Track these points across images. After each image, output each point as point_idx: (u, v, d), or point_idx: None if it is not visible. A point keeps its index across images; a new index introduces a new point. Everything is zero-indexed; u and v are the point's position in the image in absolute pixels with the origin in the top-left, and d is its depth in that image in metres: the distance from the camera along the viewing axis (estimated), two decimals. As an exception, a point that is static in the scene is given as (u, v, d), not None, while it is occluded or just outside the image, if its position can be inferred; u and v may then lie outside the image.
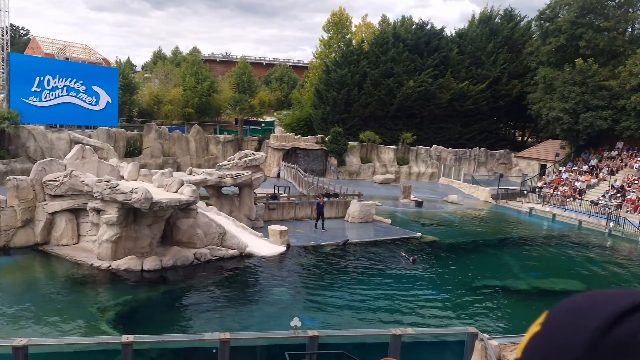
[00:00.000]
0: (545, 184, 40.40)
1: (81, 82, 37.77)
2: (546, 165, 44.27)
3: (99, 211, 18.34)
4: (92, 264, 17.88)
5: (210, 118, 57.02)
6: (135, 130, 42.27)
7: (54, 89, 36.45)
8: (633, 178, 35.50)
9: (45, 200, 20.03)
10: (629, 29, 43.60)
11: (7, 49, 38.57)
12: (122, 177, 21.54)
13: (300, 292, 17.15)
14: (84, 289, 16.37)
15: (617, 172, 37.44)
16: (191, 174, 23.93)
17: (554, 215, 33.04)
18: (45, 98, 36.05)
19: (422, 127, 49.47)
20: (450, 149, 47.96)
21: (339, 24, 57.92)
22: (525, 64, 48.76)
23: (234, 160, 24.88)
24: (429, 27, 52.26)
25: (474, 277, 19.54)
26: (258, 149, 42.96)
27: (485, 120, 51.27)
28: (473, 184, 41.91)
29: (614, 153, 40.12)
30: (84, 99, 38.17)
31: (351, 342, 10.30)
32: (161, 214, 18.88)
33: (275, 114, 60.26)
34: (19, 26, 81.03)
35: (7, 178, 20.47)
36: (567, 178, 39.48)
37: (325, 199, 26.75)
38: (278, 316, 14.48)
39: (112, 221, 17.69)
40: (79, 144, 25.35)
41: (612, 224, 30.27)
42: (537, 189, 39.63)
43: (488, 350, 8.30)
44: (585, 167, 40.00)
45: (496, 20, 53.75)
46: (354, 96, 47.86)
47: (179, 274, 18.01)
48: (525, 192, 39.44)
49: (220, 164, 25.38)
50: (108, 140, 36.85)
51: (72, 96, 37.51)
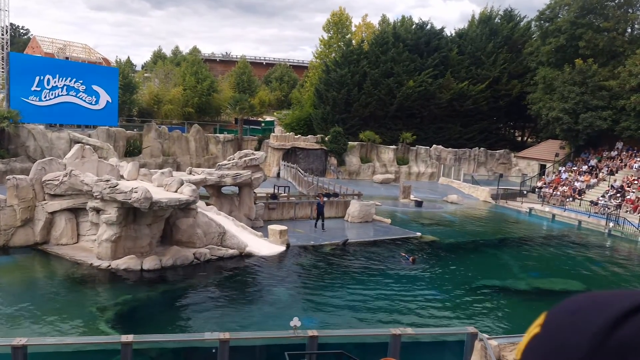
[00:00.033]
0: (545, 184, 40.41)
1: (81, 81, 37.76)
2: (546, 166, 44.28)
3: (98, 211, 18.34)
4: (91, 264, 17.88)
5: (210, 118, 57.00)
6: (135, 130, 42.27)
7: (54, 88, 36.44)
8: (632, 178, 35.51)
9: (44, 200, 20.02)
10: (629, 30, 43.61)
11: (7, 48, 38.53)
12: (122, 177, 21.53)
13: (300, 292, 17.15)
14: (84, 289, 16.37)
15: (616, 172, 37.44)
16: (191, 173, 23.92)
17: (554, 215, 33.05)
18: (45, 97, 36.04)
19: (422, 127, 49.47)
20: (450, 149, 47.96)
21: (339, 24, 57.89)
22: (525, 64, 48.76)
23: (233, 159, 24.87)
24: (428, 27, 52.27)
25: (474, 277, 19.54)
26: (258, 149, 42.93)
27: (485, 120, 51.29)
28: (473, 184, 41.92)
29: (614, 153, 40.14)
30: (83, 98, 38.16)
31: (351, 342, 10.30)
32: (161, 214, 18.89)
33: (275, 113, 60.24)
34: (19, 25, 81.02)
35: (7, 177, 20.47)
36: (566, 178, 39.49)
37: (326, 199, 26.75)
38: (277, 316, 14.47)
39: (112, 221, 17.68)
40: (79, 143, 25.33)
41: (611, 224, 30.29)
42: (536, 189, 39.64)
43: (488, 350, 8.30)
44: (585, 167, 40.01)
45: (496, 20, 53.74)
46: (354, 96, 47.85)
47: (178, 273, 18.01)
48: (525, 192, 39.46)
49: (220, 163, 25.37)
50: (108, 140, 36.84)
51: (72, 95, 37.50)
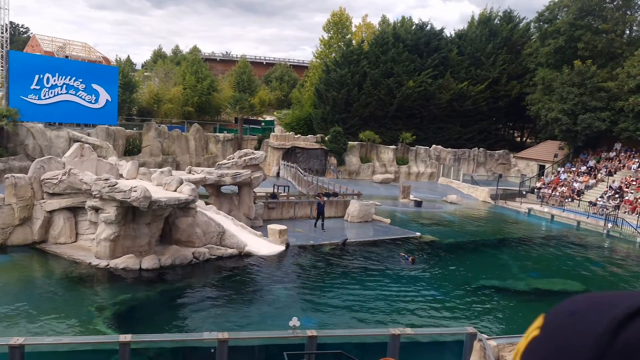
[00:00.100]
0: (544, 184, 40.45)
1: (81, 80, 37.72)
2: (545, 166, 44.32)
3: (97, 210, 18.32)
4: (90, 263, 17.85)
5: (210, 117, 56.93)
6: (135, 129, 42.23)
7: (54, 87, 36.40)
8: (631, 179, 35.55)
9: (43, 199, 19.99)
10: (627, 31, 43.63)
11: (6, 47, 38.49)
12: (121, 176, 21.50)
13: (299, 292, 17.14)
14: (82, 288, 16.35)
15: (615, 173, 37.48)
16: (190, 172, 23.90)
17: (553, 216, 33.08)
18: (45, 96, 35.99)
19: (422, 127, 49.49)
20: (449, 149, 47.98)
21: (339, 24, 57.87)
22: (524, 65, 48.78)
23: (233, 159, 24.86)
24: (428, 27, 52.28)
25: (473, 277, 19.54)
26: (258, 148, 42.90)
27: (485, 120, 51.32)
28: (472, 184, 41.94)
29: (612, 154, 40.18)
30: (83, 97, 38.12)
31: (350, 342, 10.30)
32: (160, 213, 18.87)
33: (275, 113, 60.21)
34: (18, 24, 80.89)
35: (5, 176, 20.44)
36: (565, 179, 39.53)
37: (326, 199, 26.74)
38: (276, 316, 14.46)
39: (111, 220, 17.66)
40: (78, 142, 25.30)
41: (610, 224, 30.32)
42: (535, 190, 39.68)
43: (487, 351, 8.30)
44: (584, 168, 40.05)
45: (495, 21, 53.76)
46: (354, 96, 47.85)
47: (177, 273, 17.98)
48: (524, 192, 39.49)
49: (220, 162, 25.35)
50: (107, 139, 36.81)
51: (72, 94, 37.46)
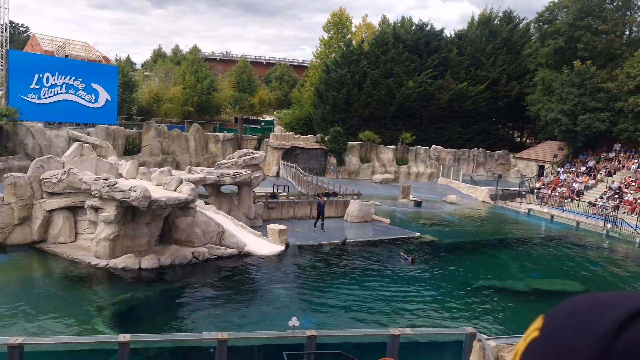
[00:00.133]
0: (544, 185, 40.46)
1: (80, 79, 37.71)
2: (544, 166, 44.32)
3: (97, 209, 18.31)
4: (89, 263, 17.84)
5: (210, 117, 56.89)
6: (135, 128, 42.21)
7: (53, 86, 36.39)
8: (630, 180, 35.57)
9: (42, 198, 19.98)
10: (627, 32, 43.67)
11: (6, 46, 38.46)
12: (121, 175, 21.50)
13: (299, 292, 17.14)
14: (81, 288, 16.34)
15: (614, 174, 37.50)
16: (190, 172, 23.90)
17: (552, 216, 33.09)
18: (44, 95, 35.98)
19: (422, 128, 49.50)
20: (449, 149, 48.00)
21: (339, 24, 57.87)
22: (524, 66, 48.80)
23: (233, 159, 24.85)
24: (428, 28, 52.29)
25: (473, 278, 19.54)
26: (257, 148, 42.89)
27: (484, 121, 51.33)
28: (472, 184, 41.94)
29: (612, 155, 40.20)
30: (83, 96, 38.11)
31: (349, 342, 10.29)
32: (159, 213, 18.86)
33: (275, 113, 60.21)
34: (18, 23, 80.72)
35: (5, 175, 20.42)
36: (565, 179, 39.54)
37: (326, 199, 26.75)
38: (276, 316, 14.46)
39: (110, 219, 17.65)
40: (78, 141, 25.28)
41: (609, 225, 30.32)
42: (535, 190, 39.69)
43: (486, 351, 8.30)
44: (583, 169, 40.07)
45: (495, 21, 53.77)
46: (354, 96, 47.86)
47: (177, 272, 17.98)
48: (524, 192, 39.51)
49: (220, 162, 25.35)
50: (107, 138, 36.79)
51: (71, 94, 37.45)
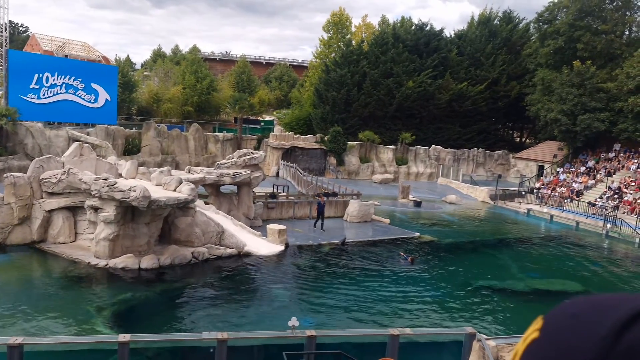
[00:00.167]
0: (543, 185, 40.47)
1: (80, 79, 37.69)
2: (544, 167, 44.32)
3: (96, 209, 18.30)
4: (89, 263, 17.84)
5: (210, 116, 56.87)
6: (134, 128, 42.18)
7: (53, 86, 36.38)
8: (630, 180, 35.58)
9: (42, 198, 19.97)
10: (627, 32, 43.67)
11: (5, 46, 38.43)
12: (121, 175, 21.49)
13: (298, 292, 17.13)
14: (81, 288, 16.34)
15: (614, 174, 37.51)
16: (190, 172, 23.89)
17: (552, 216, 33.10)
18: (44, 95, 35.97)
19: (421, 128, 49.50)
20: (449, 149, 48.00)
21: (338, 24, 57.87)
22: (524, 66, 48.81)
23: (233, 159, 24.85)
24: (428, 28, 52.29)
25: (472, 278, 19.55)
26: (257, 148, 42.89)
27: (484, 121, 51.34)
28: (471, 184, 41.95)
29: (611, 155, 40.21)
30: (82, 96, 38.10)
31: (349, 342, 10.29)
32: (159, 213, 18.86)
33: (275, 113, 60.21)
34: (18, 23, 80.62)
35: (5, 175, 20.42)
36: (564, 179, 39.55)
37: (326, 199, 26.75)
38: (275, 316, 14.46)
39: (110, 219, 17.65)
40: (77, 141, 25.28)
41: (609, 225, 30.33)
42: (535, 190, 39.70)
43: (486, 351, 8.30)
44: (583, 169, 40.08)
45: (495, 22, 53.77)
46: (354, 96, 47.86)
47: (176, 272, 17.98)
48: (523, 192, 39.51)
49: (219, 162, 25.35)
50: (106, 138, 36.78)
51: (71, 93, 37.43)
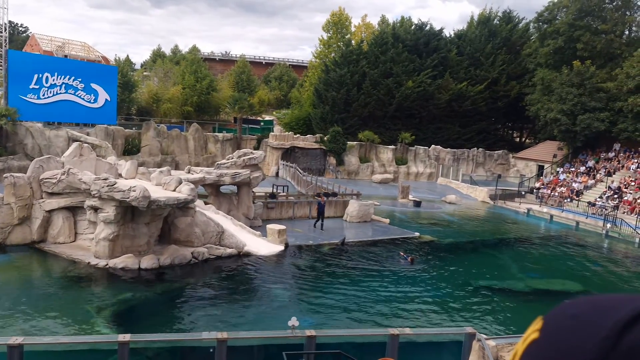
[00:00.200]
0: (543, 184, 40.48)
1: (80, 79, 37.69)
2: (544, 166, 44.33)
3: (96, 209, 18.30)
4: (89, 263, 17.84)
5: (209, 117, 56.86)
6: (134, 129, 42.18)
7: (52, 86, 36.37)
8: (630, 179, 35.59)
9: (42, 198, 19.97)
10: (626, 32, 43.70)
11: (5, 46, 38.41)
12: (120, 175, 21.49)
13: (298, 292, 17.14)
14: (81, 288, 16.34)
15: (614, 174, 37.52)
16: (189, 172, 23.89)
17: (552, 216, 33.10)
18: (44, 95, 35.96)
19: (421, 128, 49.51)
20: (448, 149, 48.01)
21: (338, 24, 57.88)
22: (524, 66, 48.82)
23: (232, 159, 24.85)
24: (428, 27, 52.31)
25: (472, 277, 19.55)
26: (257, 148, 42.88)
27: (484, 120, 51.36)
28: (471, 184, 41.95)
29: (611, 154, 40.22)
30: (82, 96, 38.09)
31: (349, 342, 10.30)
32: (159, 213, 18.86)
33: (275, 113, 60.21)
34: (17, 23, 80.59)
35: (4, 175, 20.42)
36: (564, 179, 39.56)
37: (326, 199, 26.75)
38: (275, 316, 14.46)
39: (110, 219, 17.65)
40: (77, 141, 25.28)
41: (609, 225, 30.34)
42: (534, 190, 39.71)
43: (485, 351, 8.30)
44: (583, 169, 40.09)
45: (495, 21, 53.79)
46: (353, 96, 47.86)
47: (176, 272, 17.98)
48: (523, 192, 39.52)
49: (219, 162, 25.35)
50: (106, 138, 36.78)
51: (71, 94, 37.43)
